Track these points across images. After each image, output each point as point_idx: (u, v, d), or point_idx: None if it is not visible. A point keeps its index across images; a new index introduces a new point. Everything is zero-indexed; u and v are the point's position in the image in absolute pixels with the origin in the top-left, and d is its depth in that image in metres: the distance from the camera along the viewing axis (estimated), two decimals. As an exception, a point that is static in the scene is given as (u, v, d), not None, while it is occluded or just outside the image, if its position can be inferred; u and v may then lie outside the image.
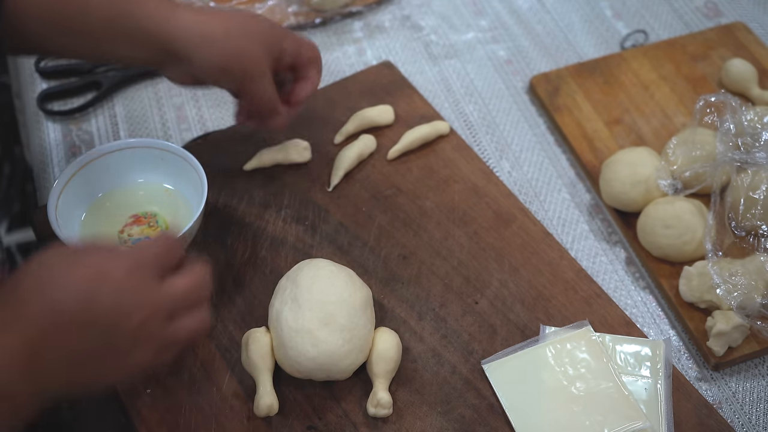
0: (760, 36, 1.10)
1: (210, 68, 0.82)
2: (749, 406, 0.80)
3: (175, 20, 0.80)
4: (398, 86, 1.02)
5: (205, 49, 0.80)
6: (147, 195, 0.88)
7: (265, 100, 0.85)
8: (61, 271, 0.61)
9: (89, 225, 0.85)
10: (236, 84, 0.84)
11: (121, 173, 0.88)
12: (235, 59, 0.82)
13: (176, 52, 0.80)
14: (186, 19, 0.80)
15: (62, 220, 0.81)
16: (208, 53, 0.81)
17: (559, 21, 1.15)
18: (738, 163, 0.85)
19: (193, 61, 0.81)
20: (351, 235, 0.88)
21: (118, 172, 0.87)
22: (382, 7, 1.16)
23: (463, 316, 0.82)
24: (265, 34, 0.84)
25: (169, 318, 0.64)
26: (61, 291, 0.60)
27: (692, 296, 0.83)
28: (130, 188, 0.88)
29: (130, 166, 0.88)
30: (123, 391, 0.77)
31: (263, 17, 0.88)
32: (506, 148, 1.00)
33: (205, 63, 0.81)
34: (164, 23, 0.80)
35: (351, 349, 0.75)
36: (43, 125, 1.04)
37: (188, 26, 0.80)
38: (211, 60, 0.81)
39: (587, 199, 0.96)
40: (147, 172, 0.88)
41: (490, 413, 0.76)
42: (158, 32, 0.80)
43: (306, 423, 0.75)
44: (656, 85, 1.04)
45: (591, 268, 0.89)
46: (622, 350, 0.79)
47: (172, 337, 0.65)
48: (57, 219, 0.81)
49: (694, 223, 0.85)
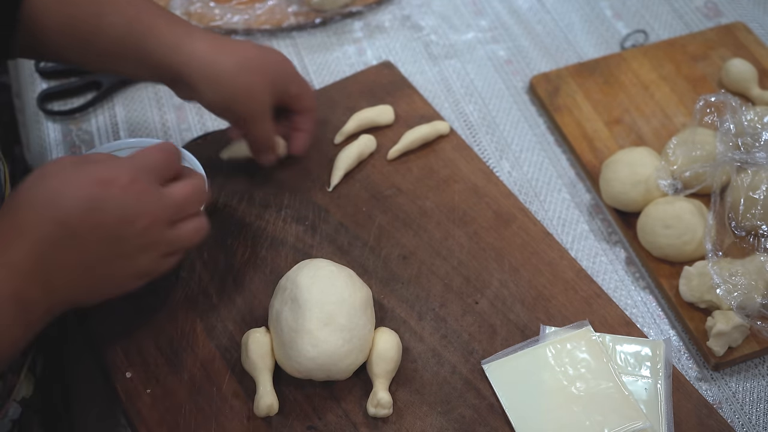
0: (760, 36, 1.10)
1: (214, 104, 0.83)
2: (749, 406, 0.80)
3: (186, 49, 0.80)
4: (398, 86, 1.02)
5: (212, 86, 0.80)
6: (147, 195, 0.88)
7: (262, 140, 0.86)
8: (66, 180, 0.64)
9: (89, 225, 0.85)
10: (238, 120, 0.85)
11: (121, 173, 0.88)
12: (240, 99, 0.82)
13: (184, 80, 0.81)
14: (196, 50, 0.80)
15: (62, 220, 0.81)
16: (214, 89, 0.81)
17: (559, 21, 1.15)
18: (738, 163, 0.85)
19: (199, 92, 0.81)
20: (351, 235, 0.88)
21: (118, 172, 0.87)
22: (382, 7, 1.16)
23: (463, 316, 0.82)
24: (275, 73, 0.84)
25: (171, 224, 0.68)
26: (67, 199, 0.63)
27: (692, 296, 0.83)
28: (130, 188, 0.88)
29: (130, 166, 0.88)
30: (123, 391, 0.77)
31: (276, 52, 0.88)
32: (506, 148, 1.00)
33: (209, 98, 0.82)
34: (174, 50, 0.80)
35: (351, 349, 0.75)
36: (43, 125, 1.04)
37: (198, 57, 0.80)
38: (215, 97, 0.81)
39: (587, 199, 0.96)
40: (147, 172, 0.88)
41: (490, 413, 0.76)
42: (167, 59, 0.80)
43: (306, 423, 0.75)
44: (656, 85, 1.04)
45: (591, 268, 0.89)
46: (622, 350, 0.79)
47: (175, 241, 0.69)
48: (57, 219, 0.81)
49: (694, 223, 0.85)
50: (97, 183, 0.64)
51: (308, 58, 1.10)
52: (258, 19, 1.13)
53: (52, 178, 0.64)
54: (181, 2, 1.13)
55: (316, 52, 1.11)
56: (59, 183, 0.64)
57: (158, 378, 0.78)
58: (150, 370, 0.78)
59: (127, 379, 0.78)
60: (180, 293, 0.84)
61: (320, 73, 1.09)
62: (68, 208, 0.63)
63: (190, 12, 1.13)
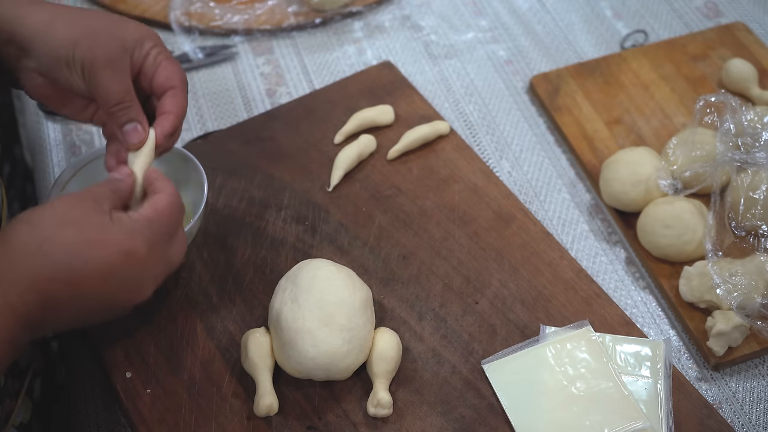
0: (760, 36, 1.10)
1: (52, 54, 0.70)
2: (749, 406, 0.80)
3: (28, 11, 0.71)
4: (398, 86, 1.02)
5: (49, 33, 0.70)
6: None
7: (115, 94, 0.71)
8: (88, 240, 0.62)
9: (89, 225, 0.85)
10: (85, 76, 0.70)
11: (121, 173, 0.87)
12: (81, 40, 0.69)
13: (21, 42, 0.70)
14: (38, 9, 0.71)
15: (62, 220, 0.81)
16: (51, 36, 0.69)
17: (559, 21, 1.15)
18: (738, 163, 0.85)
19: (35, 49, 0.70)
20: (351, 235, 0.88)
21: (118, 172, 0.87)
22: (382, 7, 1.16)
23: (463, 316, 0.82)
24: (126, 29, 0.72)
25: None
26: (86, 262, 0.61)
27: (692, 296, 0.83)
28: (130, 188, 0.88)
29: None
30: (123, 391, 0.77)
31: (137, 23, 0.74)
32: (506, 148, 1.00)
33: (47, 48, 0.70)
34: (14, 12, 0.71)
35: (351, 349, 0.75)
36: (43, 125, 1.04)
37: (37, 14, 0.71)
38: (52, 43, 0.69)
39: (587, 199, 0.96)
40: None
41: (490, 413, 0.76)
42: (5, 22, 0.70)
43: (306, 423, 0.75)
44: (656, 85, 1.04)
45: (591, 268, 0.89)
46: (622, 350, 0.79)
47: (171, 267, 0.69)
48: (57, 219, 0.81)
49: (694, 223, 0.85)
50: (118, 253, 0.62)
51: (308, 58, 1.11)
52: (258, 19, 1.13)
53: (75, 232, 0.62)
54: (181, 2, 1.13)
55: (316, 52, 1.11)
56: (81, 240, 0.61)
57: (158, 378, 0.78)
58: (150, 370, 0.78)
59: (127, 379, 0.78)
60: (180, 293, 0.84)
61: (320, 73, 1.09)
62: (85, 271, 0.61)
63: (190, 12, 1.13)
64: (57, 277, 0.60)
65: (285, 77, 1.08)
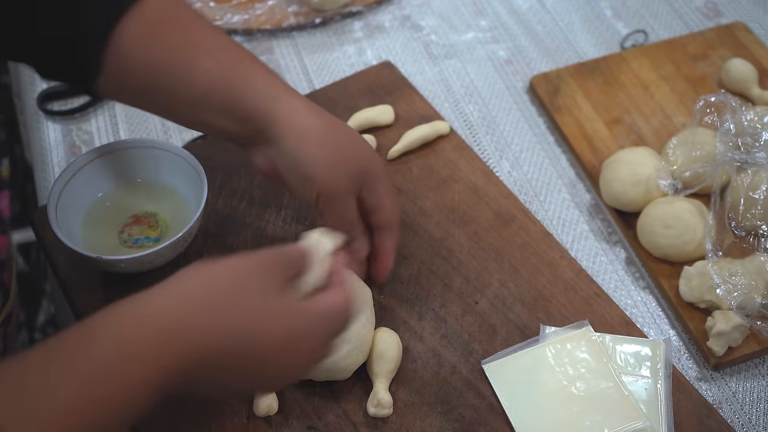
0: (760, 36, 1.10)
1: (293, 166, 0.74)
2: (749, 406, 0.80)
3: (283, 100, 0.74)
4: (398, 86, 1.02)
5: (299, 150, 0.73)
6: (147, 195, 0.88)
7: (345, 224, 0.76)
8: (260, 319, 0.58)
9: (89, 225, 0.85)
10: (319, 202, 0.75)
11: (120, 173, 0.88)
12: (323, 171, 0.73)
13: (271, 132, 0.74)
14: (293, 103, 0.74)
15: (62, 220, 0.82)
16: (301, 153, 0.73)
17: (559, 21, 1.15)
18: (738, 163, 0.85)
19: (281, 148, 0.74)
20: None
21: (118, 172, 0.87)
22: (382, 7, 1.16)
23: (463, 316, 0.82)
24: (364, 161, 0.76)
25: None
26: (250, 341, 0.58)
27: (692, 296, 0.83)
28: (130, 188, 0.88)
29: (129, 166, 0.88)
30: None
31: (370, 147, 0.80)
32: (506, 148, 1.01)
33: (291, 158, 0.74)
34: (272, 99, 0.74)
35: (351, 349, 0.75)
36: (43, 125, 1.04)
37: (293, 111, 0.74)
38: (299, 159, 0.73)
39: (587, 199, 0.96)
40: (147, 172, 0.88)
41: (490, 413, 0.76)
42: (262, 106, 0.74)
43: (306, 423, 0.75)
44: (656, 85, 1.04)
45: (591, 268, 0.89)
46: (622, 350, 0.79)
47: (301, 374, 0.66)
48: (57, 219, 0.81)
49: (694, 223, 0.85)
50: (287, 339, 0.59)
51: (308, 58, 1.11)
52: (258, 19, 1.13)
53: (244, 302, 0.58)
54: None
55: (316, 52, 1.11)
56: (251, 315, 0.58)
57: (158, 378, 0.78)
58: (150, 370, 0.78)
59: (127, 379, 0.78)
60: (180, 293, 0.84)
61: (320, 73, 1.09)
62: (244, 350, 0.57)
63: (190, 12, 1.13)
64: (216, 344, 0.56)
65: (285, 77, 1.08)
